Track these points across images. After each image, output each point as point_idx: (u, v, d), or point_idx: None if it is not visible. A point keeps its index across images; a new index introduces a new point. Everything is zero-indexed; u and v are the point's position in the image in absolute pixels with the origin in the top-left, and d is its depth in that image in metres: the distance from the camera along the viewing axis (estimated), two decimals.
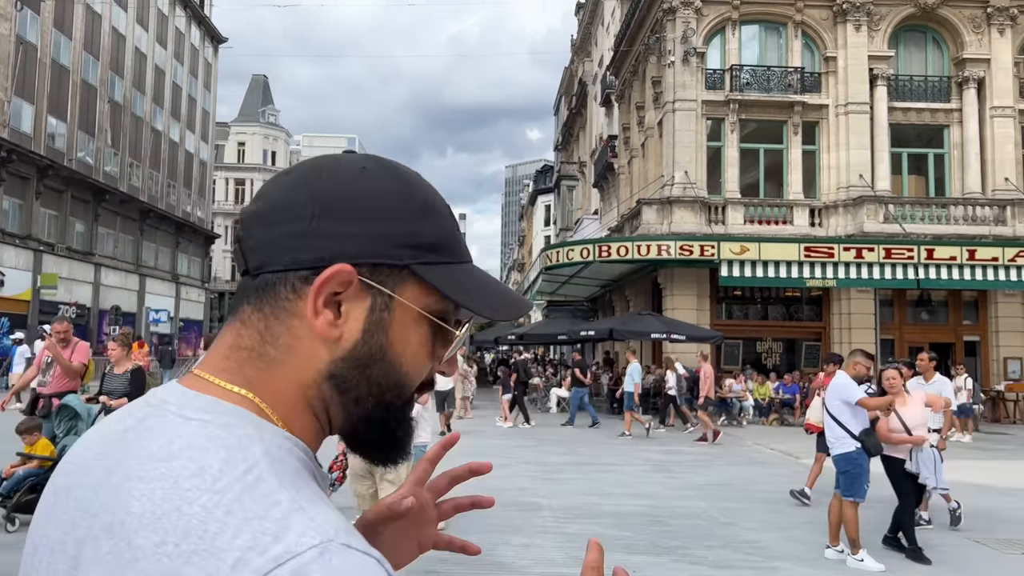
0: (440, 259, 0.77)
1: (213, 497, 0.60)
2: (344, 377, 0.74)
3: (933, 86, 25.57)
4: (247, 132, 73.55)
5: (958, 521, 8.74)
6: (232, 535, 0.58)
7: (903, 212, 23.95)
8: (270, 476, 0.63)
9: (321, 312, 0.72)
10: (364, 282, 0.73)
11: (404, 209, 0.76)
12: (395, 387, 0.76)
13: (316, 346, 0.73)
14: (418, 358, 0.77)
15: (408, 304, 0.75)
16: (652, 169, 27.11)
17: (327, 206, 0.73)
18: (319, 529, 0.60)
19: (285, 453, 0.68)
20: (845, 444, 6.94)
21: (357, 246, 0.73)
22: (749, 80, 25.05)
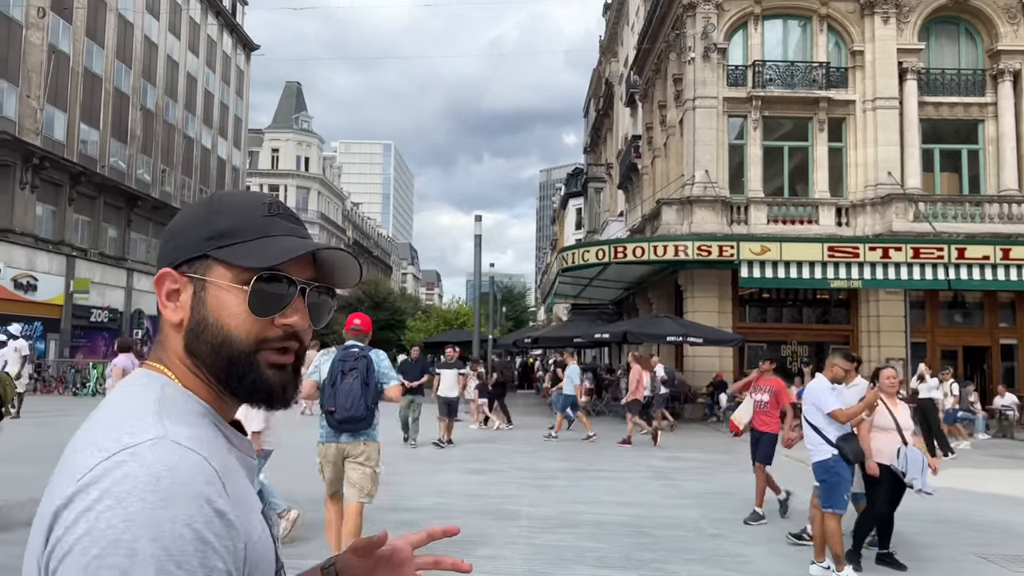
0: (233, 241, 1.02)
1: (109, 415, 0.94)
2: (191, 346, 1.02)
3: (966, 79, 24.61)
4: (281, 139, 74.26)
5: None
6: (107, 436, 0.89)
7: (934, 211, 23.07)
8: (151, 408, 0.93)
9: (166, 305, 1.04)
10: (185, 275, 1.02)
11: (201, 216, 1.05)
12: (224, 342, 1.00)
13: (172, 330, 1.04)
14: (237, 318, 1.00)
15: (214, 280, 1.01)
16: (674, 169, 26.55)
17: (167, 236, 1.08)
18: (162, 432, 0.89)
19: (175, 399, 0.98)
20: (821, 451, 6.45)
21: (174, 253, 1.04)
22: (772, 76, 24.37)
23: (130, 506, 0.81)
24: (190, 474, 0.86)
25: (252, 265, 1.01)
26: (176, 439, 0.88)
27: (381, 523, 7.80)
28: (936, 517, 9.72)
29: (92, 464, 0.85)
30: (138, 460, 0.85)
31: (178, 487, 0.84)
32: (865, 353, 23.15)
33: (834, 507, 6.39)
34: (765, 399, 9.12)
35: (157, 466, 0.84)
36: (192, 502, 0.84)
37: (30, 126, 32.58)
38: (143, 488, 0.83)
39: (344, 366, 5.96)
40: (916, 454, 6.90)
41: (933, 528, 9.09)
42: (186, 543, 0.82)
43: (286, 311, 1.03)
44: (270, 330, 1.02)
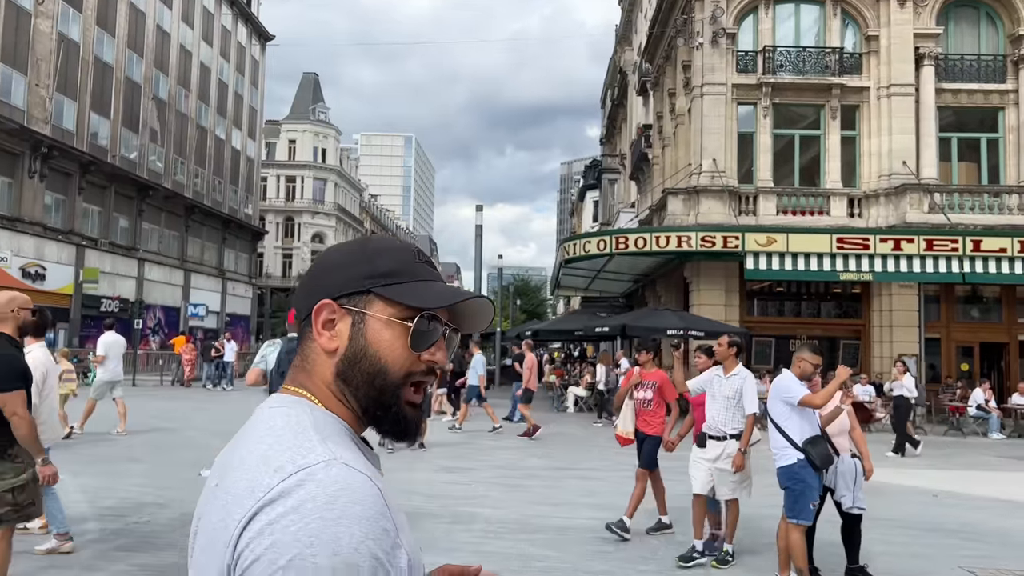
0: (393, 281, 1.12)
1: (274, 437, 1.00)
2: (345, 373, 1.10)
3: (987, 66, 23.65)
4: (297, 130, 74.21)
5: (722, 564, 6.83)
6: (279, 455, 0.96)
7: (951, 201, 22.20)
8: (311, 429, 1.01)
9: (322, 333, 1.12)
10: (344, 307, 1.11)
11: (359, 256, 1.15)
12: (379, 373, 1.09)
13: (325, 356, 1.12)
14: (393, 351, 1.10)
15: (374, 315, 1.11)
16: (682, 158, 25.86)
17: (320, 271, 1.17)
18: (331, 454, 0.96)
19: (326, 421, 1.06)
20: (786, 456, 5.87)
21: (334, 287, 1.13)
22: (783, 62, 23.59)
23: (311, 523, 0.89)
24: (361, 494, 0.93)
25: (416, 304, 1.11)
26: (345, 461, 0.97)
27: None
28: (932, 525, 9.12)
29: (272, 484, 0.93)
30: (315, 481, 0.92)
31: (352, 506, 0.91)
32: (877, 349, 22.43)
33: (799, 517, 5.82)
34: (648, 396, 7.98)
35: (333, 487, 0.92)
36: (365, 520, 0.91)
37: (39, 115, 32.54)
38: (322, 506, 0.90)
39: (292, 357, 6.00)
40: (849, 467, 6.29)
41: (926, 538, 8.50)
42: (360, 558, 0.89)
43: (432, 348, 1.13)
44: (416, 365, 1.11)
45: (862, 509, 6.28)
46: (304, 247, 71.99)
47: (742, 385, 6.81)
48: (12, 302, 4.71)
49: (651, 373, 8.08)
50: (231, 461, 1.03)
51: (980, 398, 19.20)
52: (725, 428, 6.87)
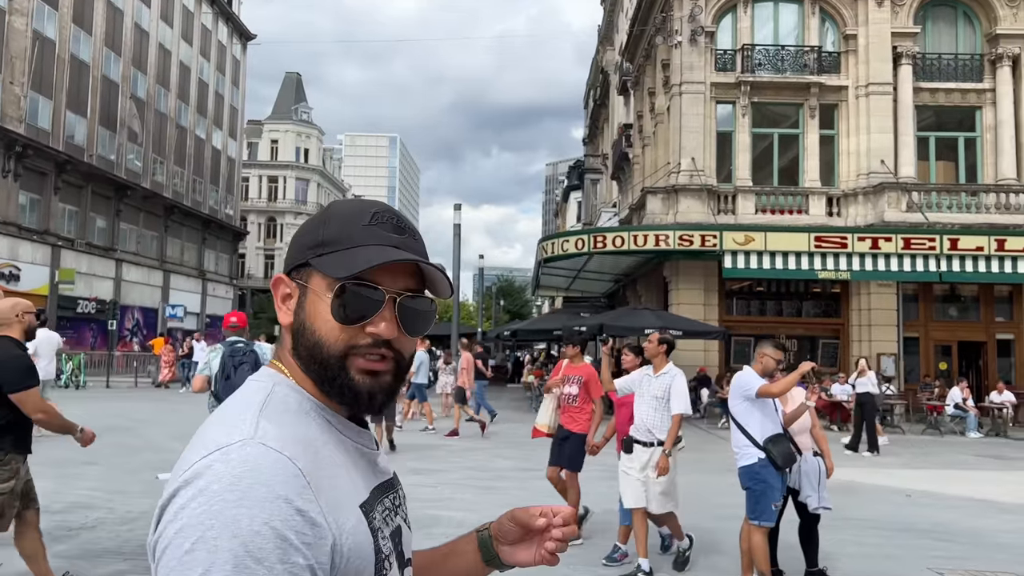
0: (329, 250, 1.07)
1: (219, 415, 1.02)
2: (295, 347, 1.09)
3: (964, 65, 23.70)
4: (280, 130, 73.74)
5: (682, 566, 6.63)
6: (212, 434, 0.97)
7: (929, 200, 22.20)
8: (256, 406, 1.01)
9: (280, 308, 1.12)
10: (294, 281, 1.10)
11: (313, 224, 1.12)
12: (315, 346, 1.06)
13: (285, 331, 1.12)
14: (326, 324, 1.06)
15: (312, 287, 1.07)
16: (662, 157, 25.76)
17: (291, 242, 1.15)
18: (252, 432, 0.95)
19: (285, 397, 1.05)
20: (748, 455, 5.69)
21: (288, 260, 1.12)
22: (762, 60, 23.54)
23: (214, 504, 0.88)
24: (270, 474, 0.91)
25: (334, 274, 1.05)
26: (264, 440, 0.94)
27: None
28: (905, 525, 8.99)
29: (193, 461, 0.93)
30: (225, 461, 0.92)
31: (257, 487, 0.90)
32: (856, 348, 22.38)
33: (760, 519, 5.64)
34: (574, 392, 7.52)
35: (240, 467, 0.91)
36: (270, 501, 0.90)
37: (13, 113, 32.05)
38: (226, 488, 0.89)
39: (234, 360, 6.70)
40: (812, 466, 6.13)
41: (898, 538, 8.37)
42: (264, 540, 0.88)
43: (373, 320, 1.06)
44: (360, 337, 1.06)
45: (828, 508, 6.12)
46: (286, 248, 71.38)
47: (670, 384, 6.37)
48: (16, 307, 4.87)
49: (577, 367, 7.70)
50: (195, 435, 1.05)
51: (958, 397, 19.18)
52: (653, 431, 6.40)
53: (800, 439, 6.10)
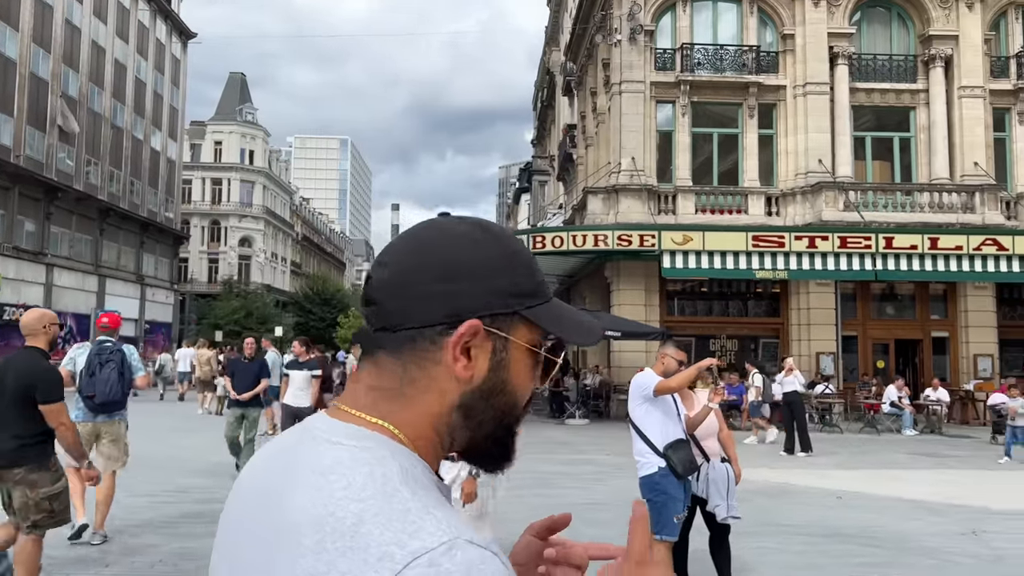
0: (537, 301, 0.92)
1: (360, 505, 0.75)
2: (472, 407, 0.89)
3: (898, 65, 23.94)
4: (223, 131, 72.03)
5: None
6: (378, 534, 0.73)
7: (865, 199, 22.32)
8: (403, 488, 0.78)
9: (459, 359, 0.87)
10: (487, 330, 0.88)
11: (505, 266, 0.90)
12: (512, 409, 0.93)
13: (450, 384, 0.88)
14: (527, 384, 0.94)
15: (519, 342, 0.91)
16: (603, 157, 25.55)
17: (449, 272, 0.88)
18: (447, 529, 0.74)
19: (413, 470, 0.82)
20: (648, 464, 5.32)
21: (477, 302, 0.88)
22: (701, 60, 23.46)
23: None
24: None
25: (574, 340, 0.93)
26: (468, 538, 0.76)
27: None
28: (832, 530, 8.75)
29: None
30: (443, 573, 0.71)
31: None
32: (796, 347, 22.40)
33: (662, 533, 5.26)
34: None
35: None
36: None
37: None
38: None
39: (101, 358, 6.93)
40: (720, 473, 5.77)
41: (823, 544, 8.11)
42: None
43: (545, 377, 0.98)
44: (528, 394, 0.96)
45: (736, 518, 5.77)
46: (231, 251, 69.94)
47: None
48: (43, 318, 5.04)
49: None
50: (281, 526, 0.78)
51: (894, 395, 19.25)
52: None
53: (707, 444, 5.75)
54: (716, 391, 5.65)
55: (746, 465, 13.27)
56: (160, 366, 27.67)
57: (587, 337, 0.94)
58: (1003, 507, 10.14)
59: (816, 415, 19.86)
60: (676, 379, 5.26)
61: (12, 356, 5.12)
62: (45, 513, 4.90)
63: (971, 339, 22.32)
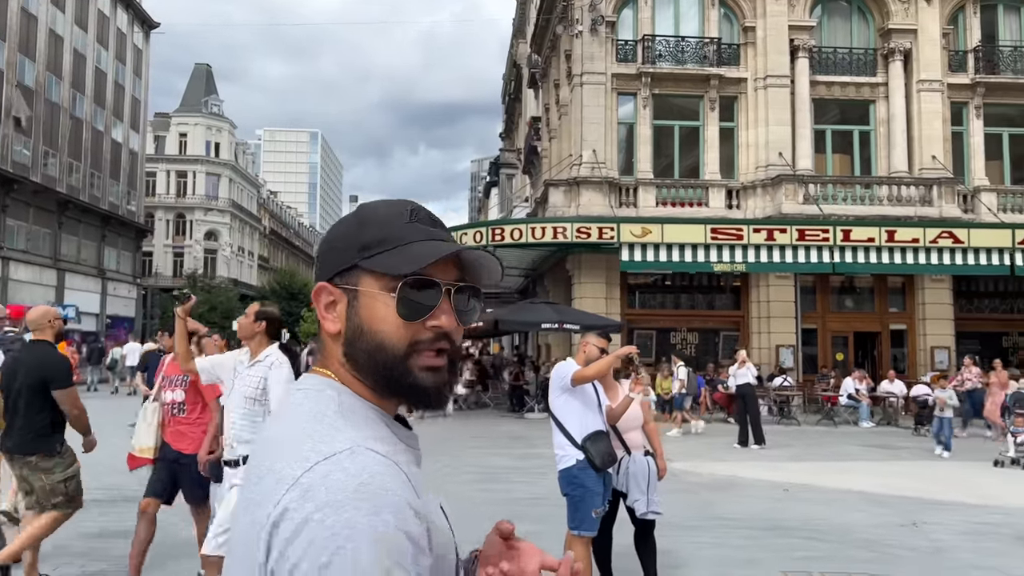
0: (378, 250, 1.06)
1: (299, 426, 1.00)
2: (349, 353, 1.08)
3: (858, 59, 24.01)
4: (189, 123, 70.90)
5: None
6: (301, 446, 0.95)
7: (825, 192, 22.37)
8: (336, 417, 1.00)
9: (325, 316, 1.10)
10: (339, 287, 1.09)
11: (350, 229, 1.11)
12: (378, 348, 1.05)
13: (331, 340, 1.10)
14: (387, 324, 1.05)
15: (365, 290, 1.07)
16: (566, 149, 25.35)
17: (319, 254, 1.14)
18: (354, 440, 0.95)
19: (352, 405, 1.04)
20: (566, 457, 5.12)
21: (329, 266, 1.10)
22: (662, 52, 23.35)
23: (344, 513, 0.87)
24: (389, 479, 0.92)
25: (397, 272, 1.05)
26: (370, 446, 0.95)
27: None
28: (775, 523, 8.64)
29: (296, 475, 0.91)
30: (341, 469, 0.91)
31: (384, 493, 0.90)
32: (756, 340, 22.43)
33: (580, 528, 5.07)
34: (180, 398, 5.57)
35: (361, 474, 0.90)
36: (398, 506, 0.90)
37: None
38: (352, 496, 0.88)
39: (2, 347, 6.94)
40: (641, 466, 5.57)
41: (764, 538, 7.99)
42: (402, 544, 0.88)
43: (434, 313, 1.06)
44: (421, 333, 1.06)
45: (657, 514, 5.58)
46: (196, 245, 68.91)
47: (266, 377, 4.47)
48: (48, 314, 5.33)
49: None
50: (258, 452, 1.03)
51: (851, 387, 19.31)
52: (239, 446, 4.49)
53: (629, 436, 5.56)
54: (637, 380, 5.45)
55: (698, 458, 13.24)
56: (113, 361, 27.06)
57: (409, 265, 1.04)
58: (946, 498, 10.12)
59: (775, 407, 19.90)
60: (593, 368, 5.06)
61: (22, 352, 5.66)
62: (62, 496, 5.20)
63: (928, 331, 22.47)
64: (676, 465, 12.55)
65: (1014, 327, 23.53)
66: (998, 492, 10.55)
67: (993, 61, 23.93)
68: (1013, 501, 9.97)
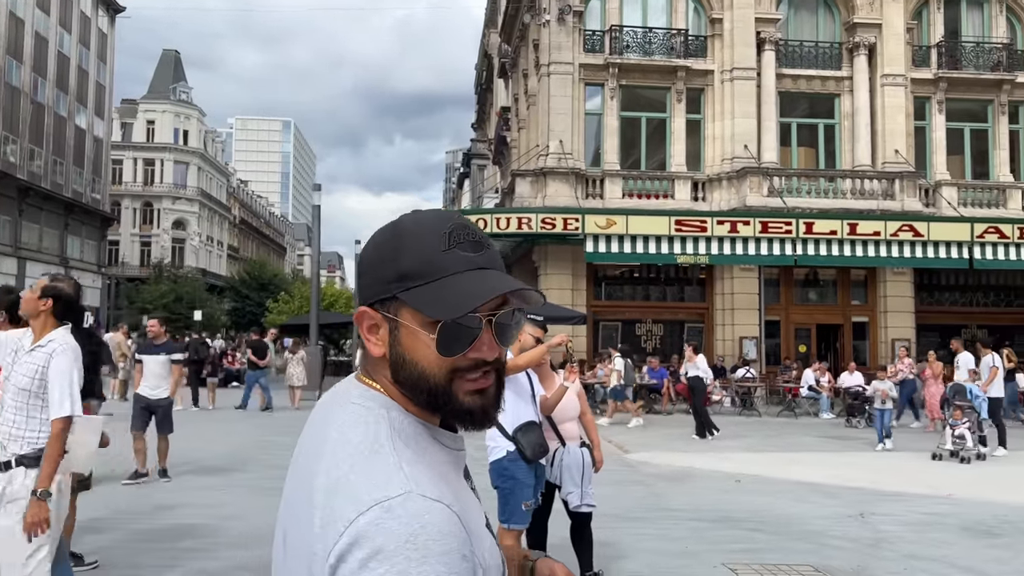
0: (416, 283, 1.04)
1: (350, 460, 1.00)
2: (396, 377, 1.09)
3: (824, 52, 24.12)
4: (156, 110, 69.81)
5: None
6: (357, 482, 0.97)
7: (790, 185, 22.47)
8: (387, 447, 1.01)
9: (369, 339, 1.10)
10: (380, 312, 1.08)
11: (388, 251, 1.08)
12: (421, 378, 1.06)
13: (379, 360, 1.11)
14: (428, 358, 1.05)
15: (405, 323, 1.06)
16: (534, 140, 25.24)
17: (361, 270, 1.12)
18: (408, 483, 0.96)
19: (403, 425, 1.06)
20: (497, 449, 5.02)
21: (370, 291, 1.09)
22: (630, 42, 23.29)
23: (397, 564, 0.90)
24: (440, 528, 0.94)
25: (433, 316, 1.03)
26: (423, 492, 0.96)
27: None
28: (722, 514, 8.62)
29: (350, 517, 0.94)
30: (394, 518, 0.93)
31: (433, 543, 0.92)
32: (720, 332, 22.52)
33: (511, 521, 4.97)
34: None
35: (412, 524, 0.92)
36: (446, 555, 0.92)
37: None
38: (403, 547, 0.91)
39: None
40: (575, 458, 5.49)
41: (708, 530, 7.96)
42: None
43: (474, 345, 1.05)
44: (462, 362, 1.05)
45: (591, 507, 5.50)
46: (164, 234, 67.97)
47: (46, 366, 3.72)
48: None
49: None
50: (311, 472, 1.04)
51: (811, 379, 19.45)
52: (10, 444, 3.69)
53: (564, 428, 5.48)
54: (571, 370, 5.40)
55: (656, 448, 13.23)
56: None
57: (448, 312, 1.01)
58: (896, 489, 10.18)
59: (737, 399, 20.00)
60: (523, 357, 4.95)
61: None
62: None
63: (890, 324, 22.70)
64: (633, 456, 12.54)
65: (973, 319, 23.84)
66: (945, 483, 10.64)
67: (956, 57, 24.16)
68: (962, 492, 10.05)
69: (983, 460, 12.39)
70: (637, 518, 8.22)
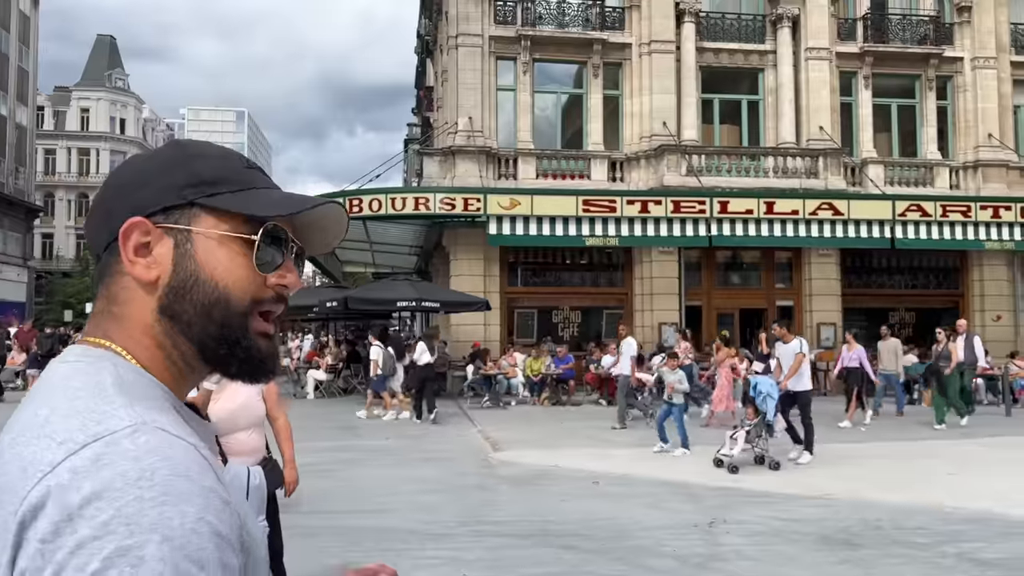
0: (223, 190, 0.90)
1: (62, 402, 0.77)
2: (171, 307, 0.87)
3: (747, 25, 23.06)
4: (91, 97, 67.28)
5: None
6: (65, 423, 0.74)
7: (711, 164, 21.40)
8: (114, 391, 0.78)
9: (135, 261, 0.87)
10: (161, 226, 0.88)
11: (173, 161, 0.91)
12: (218, 302, 0.87)
13: (142, 290, 0.88)
14: (233, 273, 0.88)
15: (204, 231, 0.88)
16: (449, 118, 23.93)
17: (119, 186, 0.91)
18: (139, 416, 0.75)
19: (136, 381, 0.83)
20: None
21: (144, 201, 0.88)
22: (543, 13, 22.04)
23: (126, 506, 0.68)
24: (187, 463, 0.74)
25: (259, 213, 0.90)
26: (160, 424, 0.75)
27: None
28: (540, 527, 7.50)
29: (55, 460, 0.71)
30: (119, 452, 0.71)
31: (177, 479, 0.71)
32: (639, 318, 21.45)
33: None
34: None
35: (148, 457, 0.71)
36: (199, 494, 0.72)
37: None
38: (136, 483, 0.69)
39: None
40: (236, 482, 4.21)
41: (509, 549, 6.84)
42: (203, 539, 0.70)
43: (281, 269, 0.93)
44: (263, 290, 0.91)
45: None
46: None
47: None
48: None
49: None
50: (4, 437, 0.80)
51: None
52: None
53: (234, 440, 4.19)
54: None
55: (532, 445, 12.03)
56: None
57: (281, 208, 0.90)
58: (766, 488, 9.11)
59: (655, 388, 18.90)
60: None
61: None
62: None
63: (815, 308, 21.79)
64: (500, 455, 11.39)
65: (902, 303, 23.04)
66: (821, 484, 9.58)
67: (882, 30, 23.24)
68: (841, 492, 8.99)
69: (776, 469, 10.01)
70: (441, 535, 7.02)
